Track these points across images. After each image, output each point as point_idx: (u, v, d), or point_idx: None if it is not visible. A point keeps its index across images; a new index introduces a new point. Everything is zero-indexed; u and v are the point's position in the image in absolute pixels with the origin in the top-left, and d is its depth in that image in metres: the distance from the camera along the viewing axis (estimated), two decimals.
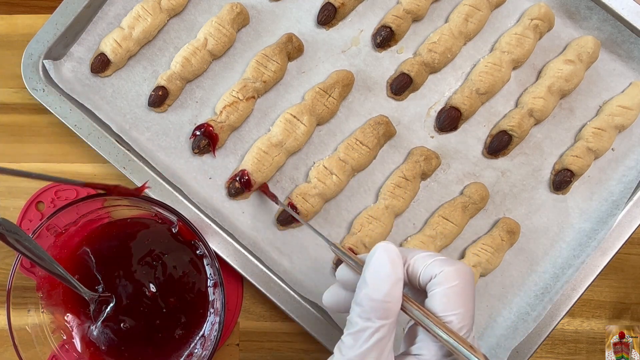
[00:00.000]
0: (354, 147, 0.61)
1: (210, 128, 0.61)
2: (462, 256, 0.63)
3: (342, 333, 0.40)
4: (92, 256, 0.57)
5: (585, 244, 0.62)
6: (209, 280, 0.58)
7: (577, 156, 0.62)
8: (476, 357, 0.34)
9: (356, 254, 0.61)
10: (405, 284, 0.40)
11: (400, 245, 0.62)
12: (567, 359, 0.64)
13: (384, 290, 0.37)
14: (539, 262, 0.63)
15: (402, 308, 0.38)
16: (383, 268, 0.38)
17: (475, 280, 0.61)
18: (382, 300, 0.37)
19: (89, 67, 0.62)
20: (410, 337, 0.40)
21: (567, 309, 0.60)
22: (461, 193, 0.63)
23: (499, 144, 0.63)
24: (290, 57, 0.64)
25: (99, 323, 0.56)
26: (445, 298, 0.37)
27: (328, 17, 0.63)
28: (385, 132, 0.62)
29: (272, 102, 0.64)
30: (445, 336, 0.36)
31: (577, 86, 0.63)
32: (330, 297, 0.45)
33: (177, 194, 0.60)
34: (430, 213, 0.63)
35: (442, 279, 0.38)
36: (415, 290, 0.41)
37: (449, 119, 0.63)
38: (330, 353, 0.59)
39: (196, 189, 0.62)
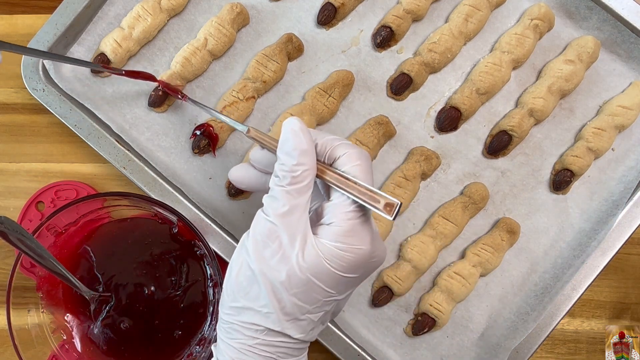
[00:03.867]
0: None
1: (211, 128, 0.61)
2: (462, 256, 0.63)
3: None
4: (92, 256, 0.57)
5: (585, 244, 0.62)
6: (208, 280, 0.58)
7: (577, 156, 0.62)
8: (390, 199, 0.40)
9: None
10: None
11: (400, 245, 0.62)
12: (567, 359, 0.64)
13: (292, 160, 0.42)
14: (539, 262, 0.63)
15: (319, 176, 0.43)
16: (288, 142, 0.42)
17: (475, 280, 0.61)
18: (291, 168, 0.42)
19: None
20: (318, 215, 0.44)
21: (567, 309, 0.60)
22: (461, 193, 0.63)
23: (499, 144, 0.63)
24: (290, 57, 0.64)
25: (99, 323, 0.56)
26: (352, 173, 0.42)
27: (328, 17, 0.63)
28: (385, 132, 0.62)
29: (272, 102, 0.64)
30: (356, 186, 0.41)
31: (577, 86, 0.63)
32: (236, 171, 0.50)
33: (177, 194, 0.60)
34: (430, 213, 0.63)
35: (347, 159, 0.43)
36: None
37: (449, 119, 0.63)
38: (332, 354, 0.59)
39: (196, 189, 0.62)
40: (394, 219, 0.40)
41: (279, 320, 0.42)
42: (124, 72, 0.59)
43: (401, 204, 0.40)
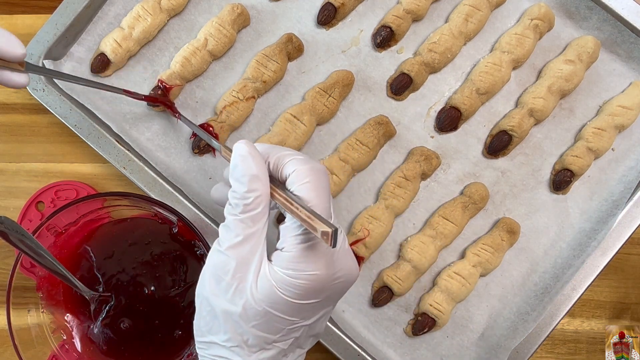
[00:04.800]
0: (354, 147, 0.61)
1: (211, 128, 0.61)
2: (462, 256, 0.63)
3: None
4: (92, 256, 0.57)
5: (585, 244, 0.62)
6: None
7: (577, 156, 0.62)
8: (325, 225, 0.35)
9: (355, 254, 0.61)
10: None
11: (401, 245, 0.62)
12: (567, 359, 0.64)
13: (243, 187, 0.40)
14: (539, 262, 0.63)
15: (272, 195, 0.40)
16: (237, 168, 0.40)
17: (475, 280, 0.61)
18: (242, 196, 0.40)
19: (89, 67, 0.62)
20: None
21: (567, 309, 0.60)
22: (461, 193, 0.63)
23: (499, 144, 0.63)
24: (290, 57, 0.64)
25: (99, 323, 0.56)
26: (299, 193, 0.39)
27: (328, 17, 0.63)
28: (385, 132, 0.62)
29: (272, 102, 0.64)
30: (298, 212, 0.38)
31: (577, 86, 0.63)
32: (215, 191, 0.48)
33: (177, 194, 0.60)
34: (430, 213, 0.63)
35: (295, 178, 0.40)
36: (282, 186, 0.44)
37: (449, 119, 0.63)
38: (332, 354, 0.59)
39: (196, 189, 0.62)
40: (334, 246, 0.35)
41: (244, 354, 0.41)
42: (143, 97, 0.59)
43: (336, 230, 0.35)
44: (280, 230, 0.41)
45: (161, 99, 0.60)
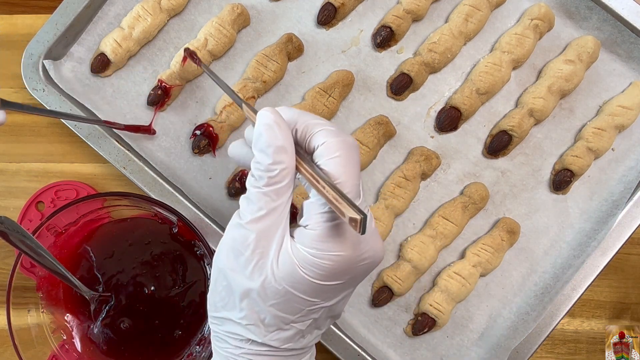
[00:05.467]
0: None
1: (211, 128, 0.61)
2: (462, 256, 0.63)
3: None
4: (92, 256, 0.57)
5: (585, 244, 0.62)
6: (208, 280, 0.58)
7: (577, 156, 0.62)
8: (354, 210, 0.33)
9: None
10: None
11: (400, 245, 0.62)
12: (567, 359, 0.64)
13: (268, 159, 0.37)
14: (539, 262, 0.63)
15: (298, 168, 0.38)
16: (262, 138, 0.37)
17: (475, 280, 0.61)
18: (266, 168, 0.37)
19: (89, 67, 0.62)
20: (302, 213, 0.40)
21: (567, 309, 0.60)
22: (461, 193, 0.63)
23: (499, 144, 0.63)
24: (290, 57, 0.64)
25: (99, 323, 0.56)
26: (327, 167, 0.37)
27: (328, 17, 0.63)
28: (385, 132, 0.62)
29: (272, 102, 0.64)
30: (324, 191, 0.35)
31: (577, 86, 0.63)
32: (234, 148, 0.44)
33: (177, 194, 0.60)
34: (430, 213, 0.63)
35: (324, 151, 0.37)
36: (308, 155, 0.41)
37: (449, 119, 0.63)
38: (332, 354, 0.59)
39: (196, 189, 0.62)
40: (362, 233, 0.33)
41: (260, 332, 0.39)
42: (123, 127, 0.59)
43: (365, 217, 0.33)
44: (304, 206, 0.38)
45: (143, 128, 0.61)
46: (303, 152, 0.39)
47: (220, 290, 0.40)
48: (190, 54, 0.59)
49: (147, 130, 0.61)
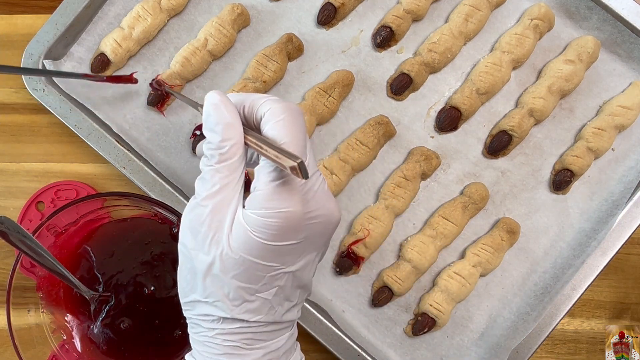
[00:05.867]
0: (354, 147, 0.61)
1: None
2: (462, 256, 0.63)
3: None
4: (92, 256, 0.57)
5: (585, 244, 0.62)
6: None
7: (577, 156, 0.62)
8: (292, 159, 0.35)
9: (355, 254, 0.61)
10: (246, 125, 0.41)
11: (400, 245, 0.62)
12: (567, 359, 0.64)
13: (217, 137, 0.39)
14: (539, 262, 0.63)
15: (245, 142, 0.40)
16: (210, 117, 0.39)
17: (475, 280, 0.61)
18: (217, 146, 0.39)
19: (89, 67, 0.62)
20: None
21: (567, 309, 0.60)
22: (461, 193, 0.63)
23: (499, 144, 0.63)
24: (290, 57, 0.64)
25: (99, 323, 0.56)
26: (274, 131, 0.39)
27: (328, 17, 0.63)
28: (385, 132, 0.62)
29: None
30: (267, 153, 0.37)
31: (577, 86, 0.63)
32: (199, 147, 0.46)
33: (177, 194, 0.60)
34: (430, 213, 0.63)
35: (269, 116, 0.39)
36: (257, 130, 0.43)
37: (449, 119, 0.63)
38: (332, 354, 0.59)
39: None
40: (305, 178, 0.35)
41: (227, 308, 0.40)
42: (105, 78, 0.59)
43: (302, 161, 0.34)
44: (255, 172, 0.40)
45: (124, 78, 0.61)
46: (250, 126, 0.41)
47: (186, 274, 0.41)
48: (157, 85, 0.60)
49: (129, 79, 0.61)
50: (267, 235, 0.38)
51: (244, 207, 0.39)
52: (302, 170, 0.34)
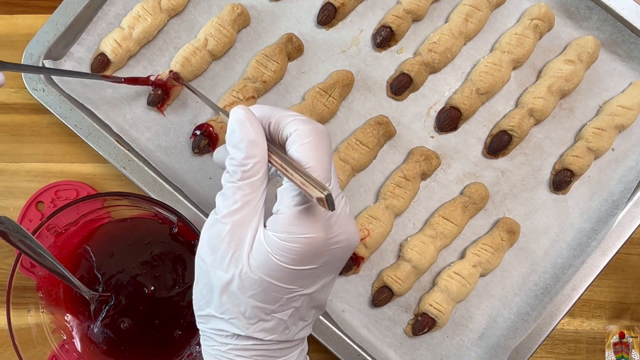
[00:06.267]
0: (354, 147, 0.61)
1: (211, 128, 0.61)
2: (462, 256, 0.63)
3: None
4: (92, 256, 0.57)
5: (585, 244, 0.62)
6: None
7: (577, 156, 0.62)
8: (319, 190, 0.34)
9: (356, 255, 0.61)
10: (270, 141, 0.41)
11: (400, 245, 0.62)
12: (567, 359, 0.64)
13: (241, 153, 0.39)
14: (539, 262, 0.63)
15: (269, 161, 0.39)
16: (235, 133, 0.39)
17: (475, 280, 0.61)
18: (239, 163, 0.39)
19: (89, 67, 0.62)
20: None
21: (567, 309, 0.60)
22: (461, 193, 0.63)
23: (499, 144, 0.63)
24: (290, 57, 0.64)
25: (99, 323, 0.56)
26: (299, 153, 0.38)
27: (328, 17, 0.63)
28: (385, 132, 0.62)
29: (272, 102, 0.64)
30: (293, 178, 0.37)
31: (577, 86, 0.63)
32: (217, 153, 0.46)
33: (177, 194, 0.60)
34: (430, 213, 0.63)
35: (296, 138, 0.39)
36: (281, 148, 0.42)
37: (449, 119, 0.63)
38: (332, 354, 0.59)
39: (196, 189, 0.62)
40: (332, 209, 0.34)
41: (243, 325, 0.40)
42: (123, 80, 0.59)
43: (330, 194, 0.34)
44: (277, 193, 0.39)
45: (141, 80, 0.60)
46: (275, 144, 0.41)
47: (202, 288, 0.41)
48: (175, 77, 0.60)
49: (146, 82, 0.61)
50: (288, 259, 0.38)
51: (264, 226, 0.39)
52: (329, 203, 0.34)
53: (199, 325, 0.43)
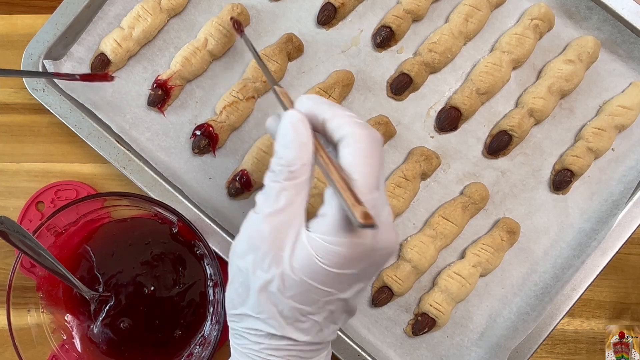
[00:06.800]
0: None
1: (210, 128, 0.61)
2: (462, 256, 0.63)
3: None
4: (92, 256, 0.57)
5: (585, 244, 0.62)
6: (208, 280, 0.58)
7: (577, 156, 0.62)
8: (353, 210, 0.35)
9: None
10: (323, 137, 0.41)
11: (401, 245, 0.62)
12: (567, 359, 0.64)
13: (290, 156, 0.39)
14: (539, 262, 0.63)
15: (316, 160, 0.39)
16: (287, 135, 0.39)
17: (475, 280, 0.61)
18: (288, 162, 0.39)
19: (89, 67, 0.62)
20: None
21: (567, 309, 0.60)
22: (461, 193, 0.63)
23: (499, 144, 0.63)
24: (290, 57, 0.64)
25: (99, 323, 0.56)
26: (351, 157, 0.38)
27: (328, 17, 0.63)
28: (385, 132, 0.62)
29: (272, 102, 0.64)
30: (335, 184, 0.37)
31: (577, 86, 0.63)
32: (271, 122, 0.44)
33: (177, 194, 0.60)
34: (430, 213, 0.63)
35: (350, 140, 0.38)
36: (333, 145, 0.42)
37: (449, 119, 0.63)
38: (332, 354, 0.59)
39: (196, 189, 0.62)
40: (372, 227, 0.35)
41: (279, 325, 0.40)
42: (78, 77, 0.59)
43: (372, 224, 0.34)
44: (325, 195, 0.39)
45: (98, 76, 0.59)
46: (324, 143, 0.41)
47: (237, 287, 0.41)
48: (235, 23, 0.58)
49: (104, 77, 0.59)
50: (331, 263, 0.37)
51: (306, 228, 0.39)
52: (368, 224, 0.34)
53: (230, 324, 0.43)
